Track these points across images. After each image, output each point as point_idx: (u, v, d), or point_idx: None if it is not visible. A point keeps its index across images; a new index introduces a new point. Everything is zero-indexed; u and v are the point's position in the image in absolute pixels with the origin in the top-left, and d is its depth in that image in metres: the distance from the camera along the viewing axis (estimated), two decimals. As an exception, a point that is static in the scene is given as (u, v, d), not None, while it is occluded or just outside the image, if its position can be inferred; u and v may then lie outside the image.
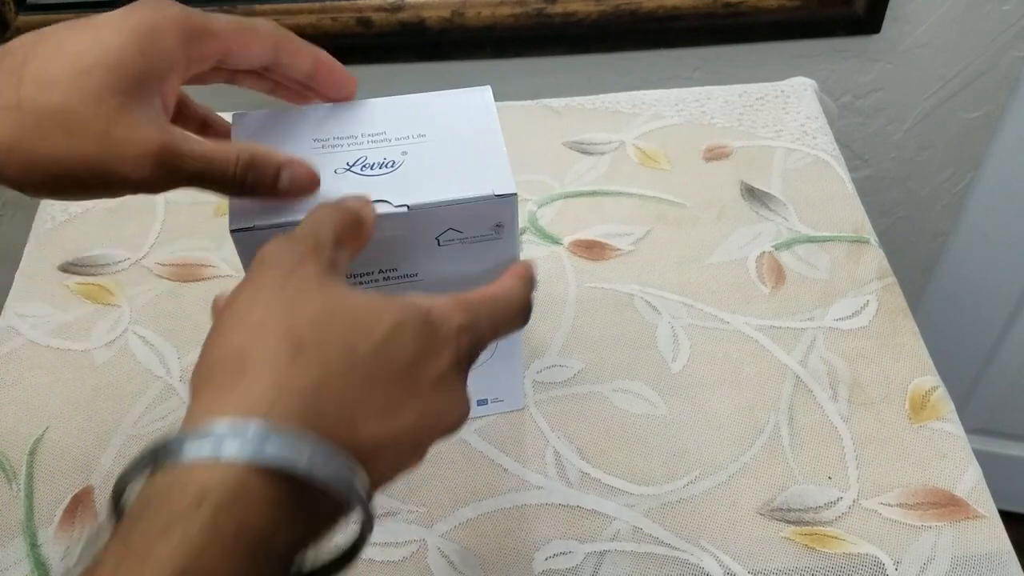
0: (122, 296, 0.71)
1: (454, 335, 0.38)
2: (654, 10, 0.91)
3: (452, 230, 0.48)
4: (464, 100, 0.52)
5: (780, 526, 0.58)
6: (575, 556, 0.57)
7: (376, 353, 0.35)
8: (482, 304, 0.41)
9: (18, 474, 0.61)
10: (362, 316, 0.36)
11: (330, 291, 0.36)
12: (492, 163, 0.48)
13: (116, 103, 0.40)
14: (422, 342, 0.37)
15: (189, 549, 0.29)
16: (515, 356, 0.59)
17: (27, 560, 0.57)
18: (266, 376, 0.33)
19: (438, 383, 0.37)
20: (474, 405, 0.61)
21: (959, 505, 0.58)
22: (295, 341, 0.34)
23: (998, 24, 0.96)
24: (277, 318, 0.35)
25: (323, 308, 0.35)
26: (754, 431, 0.62)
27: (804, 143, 0.80)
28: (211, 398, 0.33)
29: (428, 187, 0.47)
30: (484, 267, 0.50)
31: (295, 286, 0.36)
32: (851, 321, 0.68)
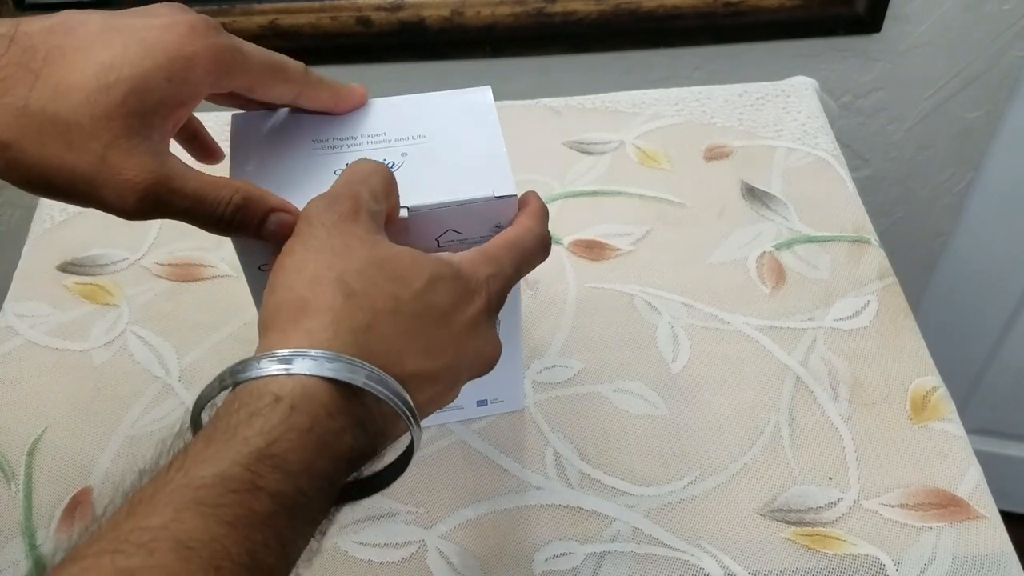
0: (121, 296, 0.71)
1: (484, 284, 0.42)
2: (654, 10, 0.91)
3: (452, 231, 0.48)
4: (464, 100, 0.52)
5: (780, 527, 0.57)
6: (575, 557, 0.57)
7: (416, 300, 0.39)
8: (504, 250, 0.44)
9: (17, 474, 0.61)
10: (403, 268, 0.40)
11: (372, 245, 0.40)
12: (492, 164, 0.48)
13: (123, 125, 0.40)
14: (456, 292, 0.41)
15: (270, 433, 0.34)
16: (515, 357, 0.59)
17: (26, 560, 0.57)
18: (325, 315, 0.37)
19: (471, 327, 0.41)
20: (473, 406, 0.61)
21: (960, 505, 0.58)
22: (346, 289, 0.38)
23: (998, 24, 0.96)
24: (328, 269, 0.39)
25: (369, 260, 0.39)
26: (754, 431, 0.62)
27: (804, 143, 0.80)
28: (279, 334, 0.38)
29: (427, 188, 0.46)
30: None
31: (342, 241, 0.40)
32: (852, 321, 0.67)
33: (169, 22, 0.42)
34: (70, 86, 0.39)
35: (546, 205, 0.48)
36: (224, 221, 0.42)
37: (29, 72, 0.39)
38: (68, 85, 0.39)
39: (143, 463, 0.36)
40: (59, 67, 0.39)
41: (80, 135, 0.39)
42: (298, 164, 0.47)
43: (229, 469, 0.33)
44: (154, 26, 0.41)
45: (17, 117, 0.39)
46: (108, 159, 0.39)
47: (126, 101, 0.40)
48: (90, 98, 0.39)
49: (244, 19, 0.89)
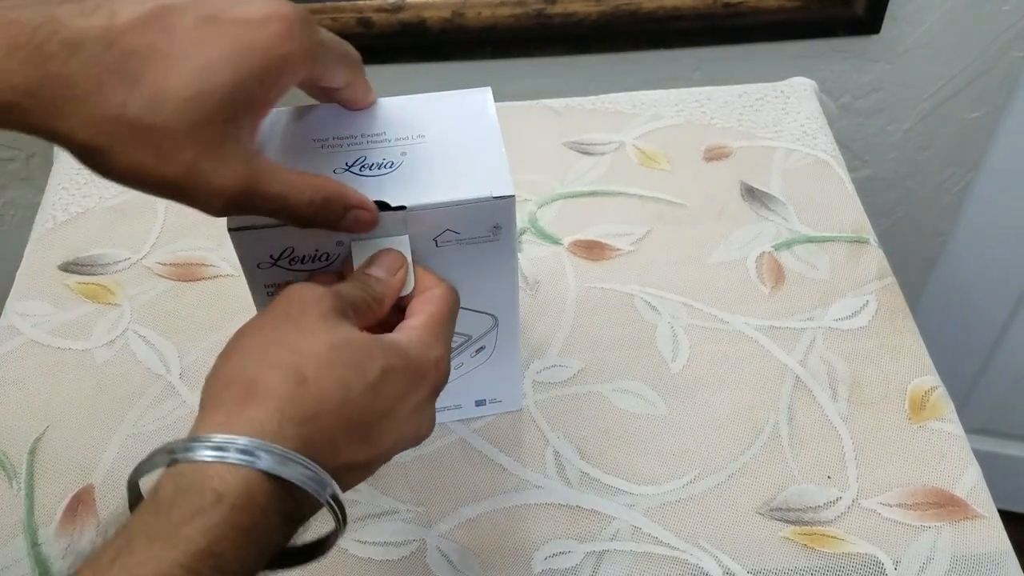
0: (122, 295, 0.71)
1: (433, 368, 0.43)
2: (654, 10, 0.91)
3: (450, 231, 0.48)
4: (464, 101, 0.52)
5: (779, 526, 0.58)
6: (574, 556, 0.57)
7: (366, 392, 0.40)
8: (444, 325, 0.45)
9: (19, 473, 0.61)
10: (359, 356, 0.40)
11: (334, 332, 0.41)
12: (491, 165, 0.48)
13: (216, 132, 0.39)
14: (406, 382, 0.42)
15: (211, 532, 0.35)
16: (513, 357, 0.59)
17: (28, 558, 0.57)
18: (271, 404, 0.38)
19: (414, 411, 0.43)
20: (472, 405, 0.62)
21: (958, 505, 0.58)
22: (299, 375, 0.39)
23: (998, 24, 0.96)
24: (286, 354, 0.39)
25: (327, 347, 0.40)
26: (753, 431, 0.62)
27: (804, 143, 0.80)
28: (223, 416, 0.38)
29: (426, 188, 0.47)
30: (482, 268, 0.50)
31: (308, 326, 0.41)
32: (851, 321, 0.68)
33: (265, 16, 0.40)
34: (167, 93, 0.38)
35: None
36: (305, 220, 0.43)
37: (127, 77, 0.38)
38: (165, 92, 0.38)
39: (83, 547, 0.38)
40: (157, 71, 0.38)
41: (173, 144, 0.38)
42: (299, 163, 0.47)
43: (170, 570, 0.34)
44: (251, 21, 0.40)
45: (113, 124, 0.38)
46: (198, 167, 0.39)
47: (221, 108, 0.39)
48: (186, 106, 0.38)
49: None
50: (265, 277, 0.49)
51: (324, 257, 0.48)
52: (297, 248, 0.48)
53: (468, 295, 0.49)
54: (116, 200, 0.77)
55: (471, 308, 0.53)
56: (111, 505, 0.59)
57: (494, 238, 0.49)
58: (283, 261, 0.48)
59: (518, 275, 0.53)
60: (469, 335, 0.56)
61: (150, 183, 0.39)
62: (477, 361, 0.58)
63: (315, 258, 0.48)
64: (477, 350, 0.57)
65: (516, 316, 0.55)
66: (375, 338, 0.42)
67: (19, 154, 1.01)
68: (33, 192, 1.03)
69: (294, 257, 0.48)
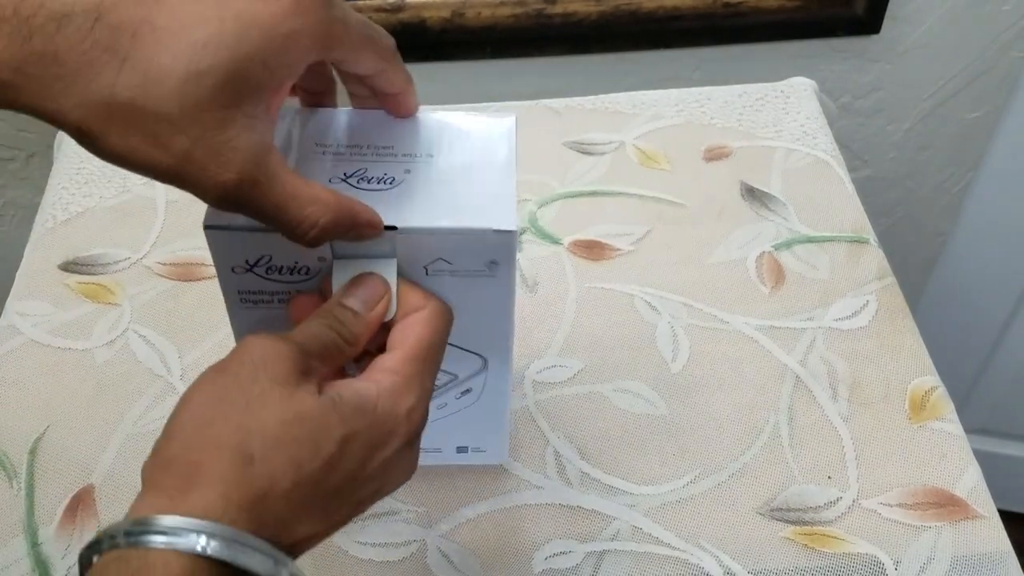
0: (123, 295, 0.71)
1: (404, 420, 0.40)
2: (654, 10, 0.92)
3: (442, 260, 0.44)
4: (484, 125, 0.48)
5: (780, 526, 0.58)
6: (575, 556, 0.57)
7: (323, 468, 0.37)
8: (423, 364, 0.42)
9: (19, 473, 0.61)
10: (312, 434, 0.37)
11: (289, 401, 0.37)
12: (497, 195, 0.44)
13: (214, 118, 0.36)
14: (371, 444, 0.39)
15: None
16: (501, 404, 0.55)
17: (28, 559, 0.57)
18: (217, 487, 0.35)
19: (384, 467, 0.40)
20: (453, 452, 0.58)
21: (959, 505, 0.58)
22: (245, 456, 0.36)
23: (998, 24, 0.96)
24: (232, 431, 0.36)
25: (278, 420, 0.37)
26: (754, 431, 0.62)
27: (804, 143, 0.80)
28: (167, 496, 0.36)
29: (422, 211, 0.43)
30: (474, 305, 0.46)
31: (258, 395, 0.37)
32: (851, 321, 0.68)
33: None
34: (160, 72, 0.35)
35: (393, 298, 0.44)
36: (300, 239, 0.40)
37: (116, 54, 0.34)
38: (158, 71, 0.35)
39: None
40: (148, 47, 0.35)
41: (168, 129, 0.35)
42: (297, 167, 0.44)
43: None
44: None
45: (103, 106, 0.35)
46: (194, 155, 0.36)
47: (219, 90, 0.36)
48: (181, 87, 0.35)
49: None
50: (239, 283, 0.45)
51: (304, 270, 0.44)
52: (275, 257, 0.44)
53: (457, 332, 0.45)
54: (116, 200, 0.77)
55: (459, 345, 0.49)
56: (111, 505, 0.59)
57: (490, 274, 0.45)
58: (259, 268, 0.45)
59: (514, 317, 0.48)
60: (455, 375, 0.51)
61: (145, 168, 0.37)
62: (462, 404, 0.53)
63: (293, 270, 0.45)
64: (463, 392, 0.52)
65: (508, 361, 0.51)
66: (333, 403, 0.38)
67: (19, 154, 1.01)
68: (33, 192, 1.04)
69: (271, 266, 0.44)
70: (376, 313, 0.42)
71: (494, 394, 0.53)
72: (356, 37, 0.41)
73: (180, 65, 0.35)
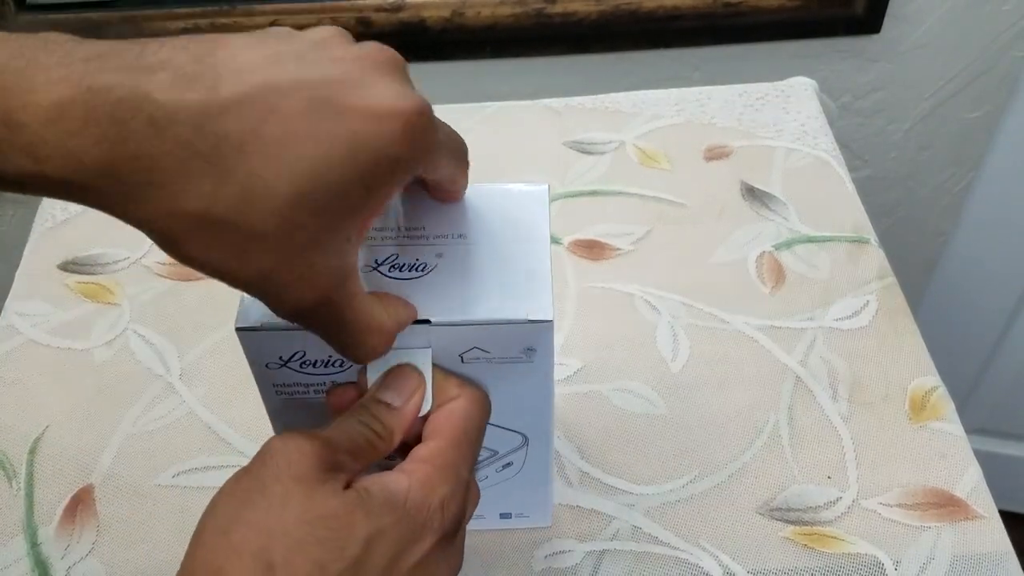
0: (122, 295, 0.71)
1: (438, 513, 0.38)
2: (654, 10, 0.92)
3: (478, 349, 0.43)
4: (516, 198, 0.46)
5: (779, 526, 0.58)
6: (574, 555, 0.57)
7: (348, 570, 0.35)
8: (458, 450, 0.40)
9: (18, 473, 0.61)
10: (338, 529, 0.36)
11: (311, 501, 0.36)
12: (531, 279, 0.43)
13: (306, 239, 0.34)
14: (399, 541, 0.37)
15: None
16: (543, 474, 0.53)
17: (27, 559, 0.57)
18: None
19: (422, 565, 0.38)
20: (496, 518, 0.57)
21: (959, 505, 0.58)
22: (267, 563, 0.34)
23: (998, 24, 0.96)
24: (253, 536, 0.35)
25: (298, 523, 0.35)
26: (753, 431, 0.62)
27: (804, 143, 0.80)
28: None
29: (456, 300, 0.42)
30: (512, 389, 0.45)
31: (280, 496, 0.36)
32: (851, 321, 0.68)
33: (386, 110, 0.34)
34: (261, 190, 0.32)
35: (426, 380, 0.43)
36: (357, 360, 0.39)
37: (217, 165, 0.32)
38: (260, 189, 0.32)
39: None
40: (252, 162, 0.32)
41: (257, 247, 0.33)
42: None
43: None
44: (368, 113, 0.34)
45: (194, 218, 0.32)
46: (278, 273, 0.34)
47: (318, 214, 0.33)
48: (280, 208, 0.32)
49: (245, 20, 0.89)
50: (274, 377, 0.44)
51: (338, 363, 0.43)
52: (309, 352, 0.43)
53: (496, 413, 0.45)
54: (116, 200, 0.77)
55: (498, 424, 0.47)
56: (111, 505, 0.59)
57: (527, 360, 0.44)
58: (293, 363, 0.44)
59: (553, 397, 0.47)
60: (496, 451, 0.50)
61: (219, 276, 0.35)
62: (503, 476, 0.52)
63: (328, 363, 0.43)
64: (504, 466, 0.51)
65: (549, 436, 0.50)
66: (359, 500, 0.36)
67: (19, 154, 1.01)
68: (33, 192, 1.03)
69: (305, 361, 0.43)
70: (412, 405, 0.41)
71: (535, 466, 0.52)
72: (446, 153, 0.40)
73: (283, 185, 0.32)
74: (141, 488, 0.60)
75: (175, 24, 0.89)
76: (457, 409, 0.42)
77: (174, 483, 0.60)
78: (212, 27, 0.89)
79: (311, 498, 0.36)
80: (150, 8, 0.89)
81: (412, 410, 0.41)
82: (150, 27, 0.90)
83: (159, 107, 0.31)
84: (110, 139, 0.31)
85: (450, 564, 0.40)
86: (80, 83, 0.30)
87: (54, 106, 0.30)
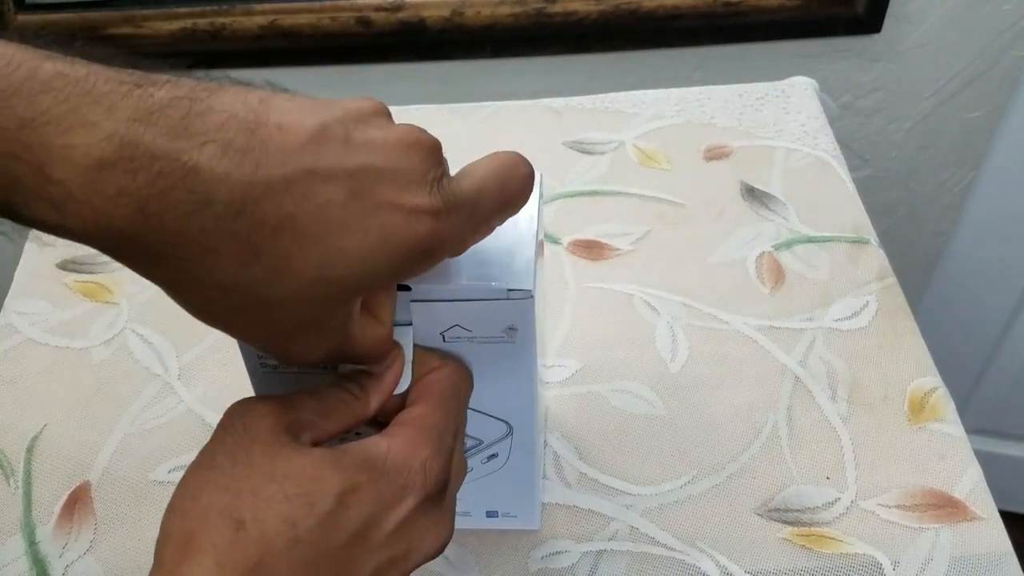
0: (120, 294, 0.71)
1: (419, 474, 0.38)
2: (654, 10, 0.91)
3: (459, 327, 0.43)
4: None
5: (778, 526, 0.57)
6: (571, 555, 0.57)
7: (320, 526, 0.35)
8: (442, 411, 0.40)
9: (16, 471, 0.61)
10: (305, 488, 0.35)
11: (276, 459, 0.36)
12: (514, 253, 0.42)
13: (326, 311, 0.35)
14: (377, 501, 0.37)
15: None
16: (530, 471, 0.53)
17: (25, 557, 0.57)
18: (209, 555, 0.34)
19: (400, 529, 0.37)
20: (483, 516, 0.57)
21: (957, 507, 0.58)
22: (236, 520, 0.34)
23: (998, 24, 0.96)
24: (220, 498, 0.35)
25: (265, 479, 0.35)
26: (752, 431, 0.62)
27: (804, 143, 0.80)
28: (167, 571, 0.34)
29: (437, 275, 0.41)
30: (495, 371, 0.45)
31: (244, 457, 0.36)
32: (851, 322, 0.67)
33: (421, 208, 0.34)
34: (289, 273, 0.33)
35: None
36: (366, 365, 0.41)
37: (250, 249, 0.32)
38: (287, 272, 0.33)
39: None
40: (285, 246, 0.32)
41: (276, 315, 0.34)
42: None
43: None
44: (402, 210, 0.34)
45: (219, 290, 0.33)
46: (291, 336, 0.35)
47: (343, 294, 0.35)
48: (306, 286, 0.33)
49: (244, 19, 0.89)
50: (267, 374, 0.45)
51: None
52: None
53: (479, 397, 0.45)
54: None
55: (482, 411, 0.47)
56: (108, 503, 0.59)
57: (509, 340, 0.43)
58: None
59: (537, 383, 0.47)
60: (480, 440, 0.50)
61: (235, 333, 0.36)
62: (488, 469, 0.52)
63: None
64: (489, 456, 0.51)
65: (533, 427, 0.50)
66: (330, 455, 0.36)
67: (19, 152, 1.01)
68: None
69: None
70: (391, 373, 0.41)
71: (521, 459, 0.51)
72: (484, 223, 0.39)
73: (312, 270, 0.33)
74: (139, 486, 0.60)
75: (175, 24, 0.89)
76: (440, 376, 0.42)
77: (171, 480, 0.60)
78: (212, 27, 0.89)
79: (275, 457, 0.36)
80: (150, 8, 0.89)
81: (391, 377, 0.41)
82: (150, 27, 0.90)
83: (202, 183, 0.30)
84: (146, 210, 0.30)
85: (437, 533, 0.39)
86: (123, 145, 0.29)
87: (92, 167, 0.29)
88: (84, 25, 0.89)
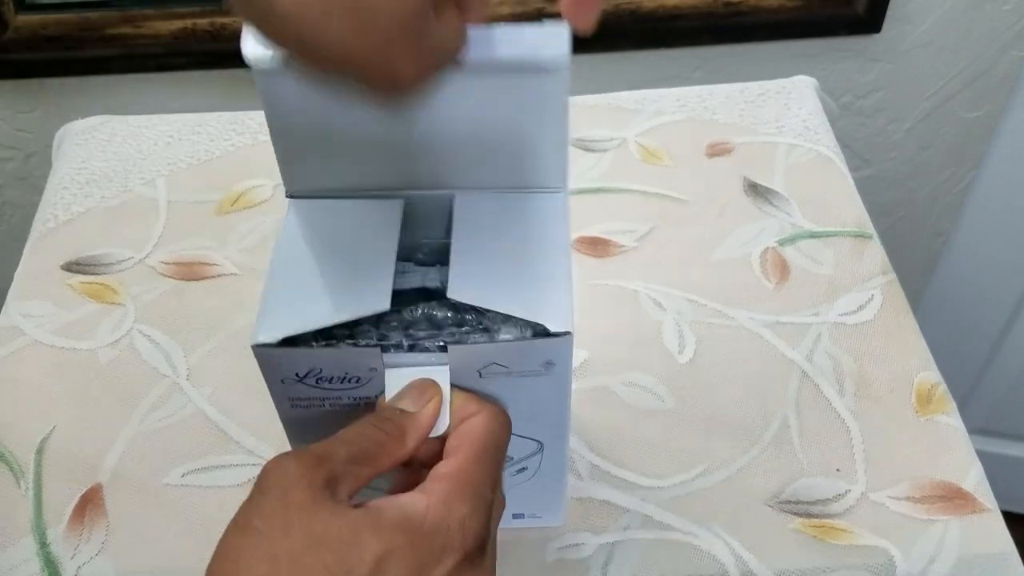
0: (126, 295, 0.71)
1: (457, 532, 0.37)
2: (654, 10, 0.92)
3: (496, 364, 0.42)
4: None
5: (789, 518, 0.57)
6: (587, 547, 0.57)
7: None
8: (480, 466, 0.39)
9: (26, 473, 0.61)
10: (343, 553, 0.35)
11: (312, 523, 0.35)
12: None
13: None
14: (415, 564, 0.35)
15: None
16: (558, 479, 0.53)
17: (37, 559, 0.57)
18: None
19: None
20: (509, 518, 0.56)
21: (966, 499, 0.58)
22: None
23: (998, 24, 0.96)
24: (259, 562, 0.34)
25: (303, 546, 0.34)
26: (762, 425, 0.62)
27: (806, 139, 0.80)
28: None
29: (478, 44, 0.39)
30: (529, 399, 0.45)
31: (281, 520, 0.35)
32: (856, 316, 0.68)
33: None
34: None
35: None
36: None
37: None
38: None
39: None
40: None
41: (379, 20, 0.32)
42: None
43: None
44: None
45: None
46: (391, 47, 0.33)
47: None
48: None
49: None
50: (289, 391, 0.44)
51: (354, 380, 0.43)
52: (324, 369, 0.43)
53: (513, 422, 0.44)
54: (118, 200, 0.77)
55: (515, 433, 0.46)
56: (119, 504, 0.59)
57: (546, 373, 0.43)
58: (309, 380, 0.43)
59: (570, 406, 0.47)
60: (510, 456, 0.49)
61: (327, 61, 0.33)
62: (518, 480, 0.52)
63: (343, 379, 0.43)
64: (518, 470, 0.51)
65: (564, 443, 0.50)
66: (367, 516, 0.36)
67: (17, 154, 1.01)
68: (31, 192, 1.03)
69: (321, 377, 0.43)
70: (427, 412, 0.41)
71: (550, 470, 0.51)
72: None
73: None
74: (150, 487, 0.60)
75: (175, 24, 0.89)
76: (477, 425, 0.41)
77: (183, 482, 0.60)
78: (212, 27, 0.89)
79: (312, 522, 0.35)
80: (150, 8, 0.89)
81: (428, 416, 0.41)
82: (150, 27, 0.90)
83: None
84: None
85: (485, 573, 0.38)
86: None
87: None
88: (84, 25, 0.89)
